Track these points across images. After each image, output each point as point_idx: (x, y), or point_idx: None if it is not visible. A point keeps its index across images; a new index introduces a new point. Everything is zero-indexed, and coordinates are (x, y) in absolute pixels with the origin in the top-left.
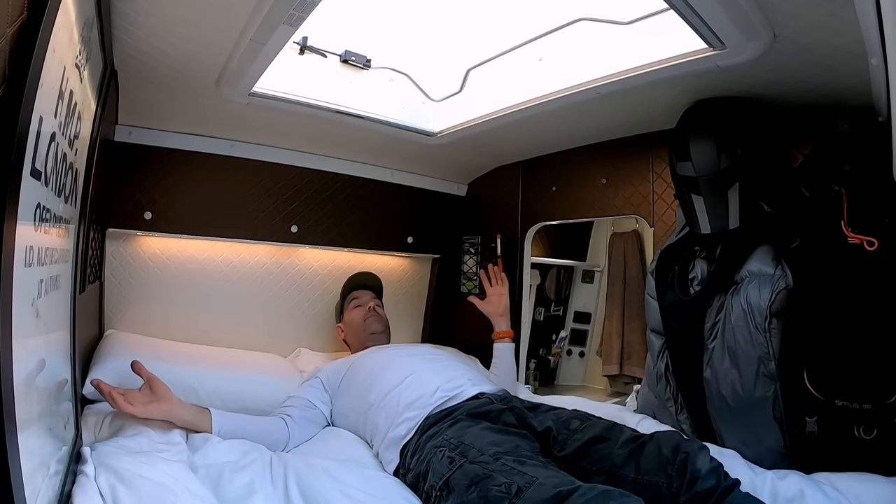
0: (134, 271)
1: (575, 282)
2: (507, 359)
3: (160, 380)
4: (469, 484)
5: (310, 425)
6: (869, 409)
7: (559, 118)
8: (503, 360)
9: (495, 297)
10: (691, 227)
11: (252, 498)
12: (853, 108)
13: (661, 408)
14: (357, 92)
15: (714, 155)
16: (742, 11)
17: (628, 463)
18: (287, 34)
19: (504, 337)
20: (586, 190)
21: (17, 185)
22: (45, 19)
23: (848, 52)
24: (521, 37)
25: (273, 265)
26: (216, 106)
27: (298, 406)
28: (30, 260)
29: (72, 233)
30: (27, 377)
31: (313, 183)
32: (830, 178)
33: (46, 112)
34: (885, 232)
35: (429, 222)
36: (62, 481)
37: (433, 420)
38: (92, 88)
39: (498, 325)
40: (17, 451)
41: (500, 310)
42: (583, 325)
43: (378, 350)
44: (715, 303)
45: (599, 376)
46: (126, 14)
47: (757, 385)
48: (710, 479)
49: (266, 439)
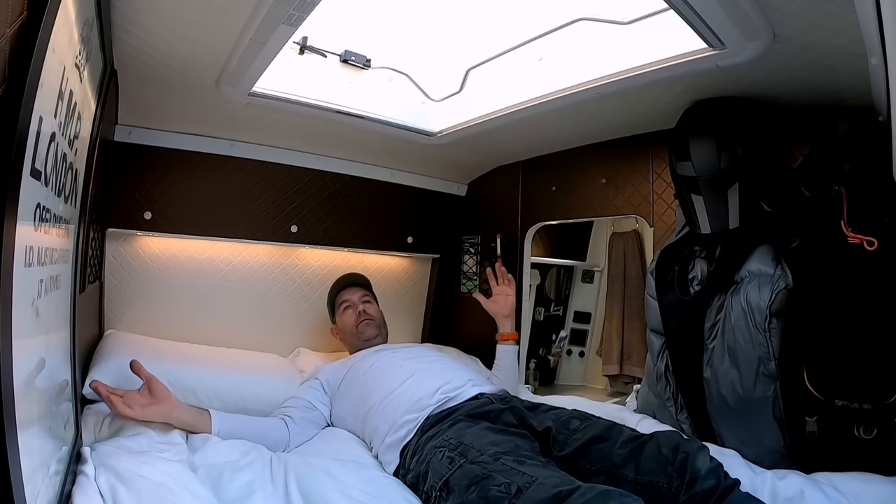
0: (134, 271)
1: (575, 282)
2: (510, 362)
3: (159, 381)
4: (469, 484)
5: (310, 426)
6: (869, 408)
7: (559, 118)
8: (506, 363)
9: (501, 297)
10: (691, 227)
11: (252, 498)
12: (853, 108)
13: (661, 408)
14: (357, 92)
15: (714, 155)
16: (742, 11)
17: (628, 463)
18: (287, 34)
19: (508, 339)
20: (586, 190)
21: (17, 185)
22: (44, 19)
23: (848, 51)
24: (520, 37)
25: (273, 265)
26: (216, 106)
27: (299, 407)
28: (30, 260)
29: (72, 233)
30: (27, 377)
31: (313, 183)
32: (830, 177)
33: (46, 112)
34: (885, 232)
35: (429, 222)
36: (62, 481)
37: (433, 421)
38: (92, 88)
39: (503, 326)
40: (17, 451)
41: (505, 310)
42: (583, 325)
43: (377, 352)
44: (715, 303)
45: (599, 376)
46: (126, 14)
47: (757, 385)
48: (710, 479)
49: (266, 440)
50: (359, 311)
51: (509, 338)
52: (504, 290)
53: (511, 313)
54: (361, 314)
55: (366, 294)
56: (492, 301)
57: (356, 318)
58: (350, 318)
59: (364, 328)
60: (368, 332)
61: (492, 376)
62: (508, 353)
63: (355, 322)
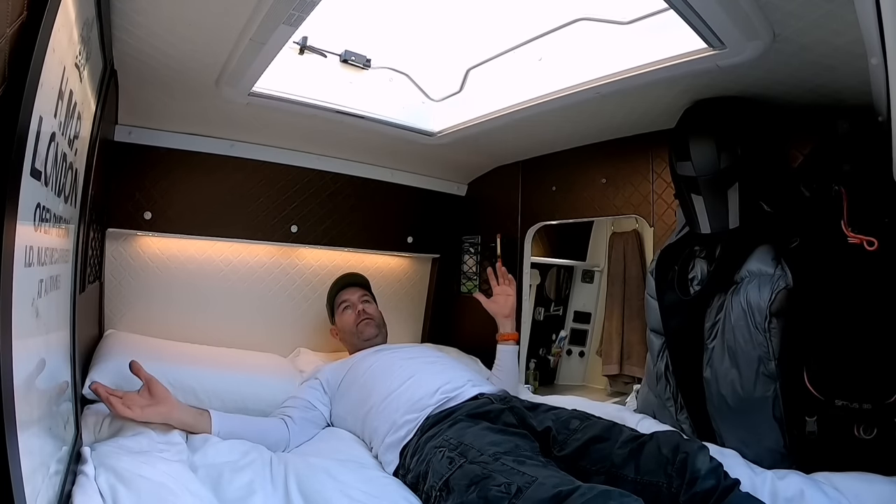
0: (134, 271)
1: (575, 281)
2: (510, 362)
3: (158, 381)
4: (469, 484)
5: (310, 426)
6: (869, 408)
7: (559, 118)
8: (506, 364)
9: (502, 297)
10: (691, 227)
11: (252, 498)
12: (853, 108)
13: (660, 408)
14: (357, 92)
15: (714, 155)
16: (742, 11)
17: (628, 463)
18: (287, 34)
19: (508, 339)
20: (586, 190)
21: (17, 184)
22: (44, 19)
23: (848, 51)
24: (520, 36)
25: (273, 265)
26: (216, 106)
27: (299, 407)
28: (30, 260)
29: (72, 233)
30: (27, 377)
31: (313, 183)
32: (830, 177)
33: (46, 112)
34: (885, 232)
35: (429, 222)
36: (62, 481)
37: (433, 421)
38: (92, 88)
39: (503, 325)
40: (17, 451)
41: (506, 310)
42: (583, 325)
43: (377, 352)
44: (715, 302)
45: (599, 376)
46: (126, 14)
47: (757, 385)
48: (710, 479)
49: (266, 440)
50: (358, 311)
51: (510, 338)
52: (504, 290)
53: (511, 313)
54: (361, 313)
55: (365, 294)
56: (492, 301)
57: (356, 318)
58: (349, 318)
59: (364, 327)
60: (368, 332)
61: (492, 376)
62: (509, 353)
63: (355, 321)
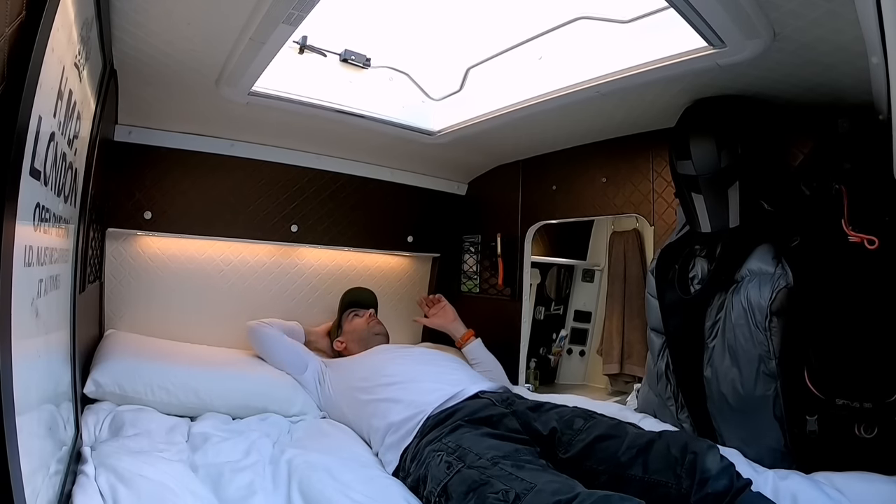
0: (134, 271)
1: (575, 281)
2: (483, 352)
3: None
4: (467, 491)
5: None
6: (869, 407)
7: (559, 117)
8: (481, 356)
9: (439, 312)
10: (691, 226)
11: (252, 498)
12: (853, 107)
13: (661, 407)
14: (357, 91)
15: (714, 153)
16: (742, 10)
17: (635, 461)
18: (286, 33)
19: (468, 338)
20: (586, 189)
21: (17, 184)
22: (43, 19)
23: (848, 50)
24: (520, 35)
25: (273, 265)
26: (216, 105)
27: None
28: (29, 260)
29: (71, 232)
30: (27, 377)
31: (313, 182)
32: (831, 176)
33: (45, 111)
34: (886, 230)
35: (429, 221)
36: (62, 481)
37: (433, 423)
38: (91, 88)
39: (456, 331)
40: (17, 451)
41: (449, 318)
42: (583, 324)
43: (378, 351)
44: (715, 301)
45: (600, 375)
46: (125, 14)
47: (757, 384)
48: (723, 478)
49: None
50: (369, 314)
51: (468, 336)
52: (436, 308)
53: (455, 317)
54: (371, 316)
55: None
56: (431, 319)
57: (367, 319)
58: (361, 322)
59: (375, 324)
60: (378, 328)
61: (484, 375)
62: (477, 347)
63: (366, 321)
